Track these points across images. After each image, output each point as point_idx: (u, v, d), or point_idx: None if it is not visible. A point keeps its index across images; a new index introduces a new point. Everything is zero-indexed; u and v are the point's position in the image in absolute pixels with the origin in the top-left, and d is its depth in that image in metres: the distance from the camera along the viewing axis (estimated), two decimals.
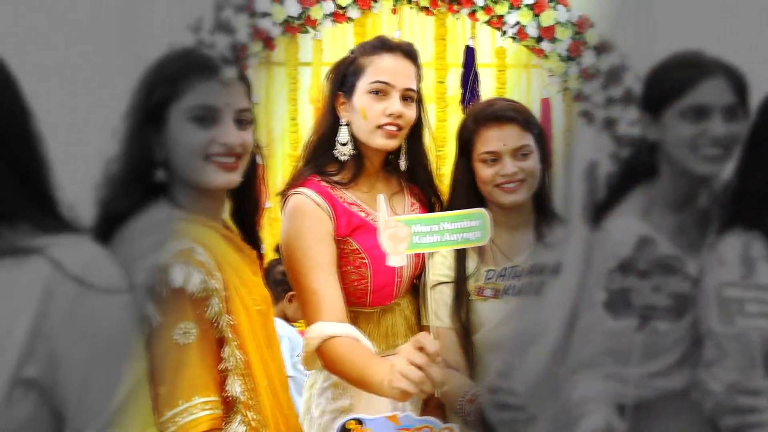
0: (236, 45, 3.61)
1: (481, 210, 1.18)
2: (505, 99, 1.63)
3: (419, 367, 1.16)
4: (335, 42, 3.96)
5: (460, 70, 4.05)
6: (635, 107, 1.30)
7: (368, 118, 1.52)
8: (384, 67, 1.53)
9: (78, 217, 1.02)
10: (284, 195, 1.57)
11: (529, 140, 1.53)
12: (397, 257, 1.11)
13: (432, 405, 1.52)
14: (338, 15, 3.74)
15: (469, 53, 4.01)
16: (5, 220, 0.93)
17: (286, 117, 3.99)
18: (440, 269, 1.56)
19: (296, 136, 3.92)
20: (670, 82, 1.24)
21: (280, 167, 3.78)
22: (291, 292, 2.66)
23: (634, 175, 1.36)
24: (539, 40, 3.84)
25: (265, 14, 3.65)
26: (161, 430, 1.05)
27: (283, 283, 2.50)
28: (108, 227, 1.17)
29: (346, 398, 1.58)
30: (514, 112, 1.53)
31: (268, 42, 3.72)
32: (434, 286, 1.54)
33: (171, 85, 1.19)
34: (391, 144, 1.55)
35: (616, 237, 1.23)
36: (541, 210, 1.59)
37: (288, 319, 2.78)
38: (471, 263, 1.55)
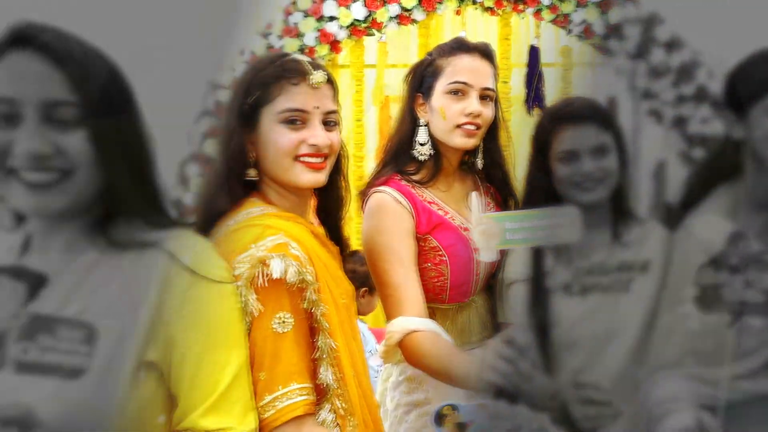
0: (303, 48, 3.71)
1: (571, 207, 1.19)
2: (583, 98, 1.62)
3: (509, 360, 1.18)
4: (399, 44, 4.01)
5: (523, 70, 4.04)
6: (708, 105, 1.29)
7: (447, 117, 1.55)
8: (462, 68, 1.56)
9: (182, 213, 1.09)
10: (365, 194, 1.61)
11: (607, 139, 1.52)
12: (489, 252, 1.14)
13: None
14: (403, 17, 3.78)
15: (534, 53, 3.99)
16: (124, 217, 1.00)
17: (351, 118, 4.06)
18: (517, 267, 1.57)
19: (361, 137, 3.99)
20: (757, 79, 1.23)
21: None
22: (363, 288, 2.73)
23: (717, 174, 1.34)
24: (606, 37, 3.79)
25: (332, 18, 3.73)
26: (260, 414, 1.10)
27: (353, 281, 2.56)
28: (207, 223, 1.25)
29: (420, 392, 1.61)
30: (592, 110, 1.53)
31: (335, 45, 3.80)
32: (511, 284, 1.56)
33: (264, 88, 1.26)
34: (470, 143, 1.58)
35: (702, 235, 1.22)
36: (618, 208, 1.58)
37: (358, 314, 2.84)
38: (548, 261, 1.56)
